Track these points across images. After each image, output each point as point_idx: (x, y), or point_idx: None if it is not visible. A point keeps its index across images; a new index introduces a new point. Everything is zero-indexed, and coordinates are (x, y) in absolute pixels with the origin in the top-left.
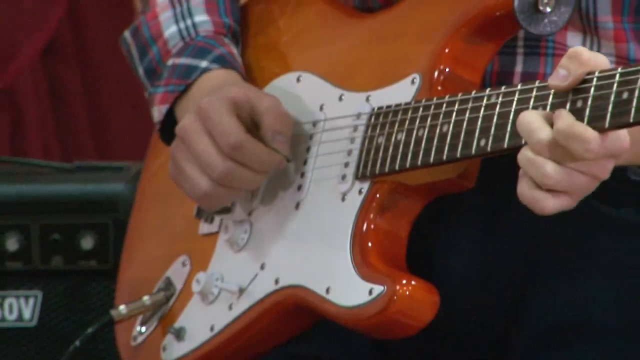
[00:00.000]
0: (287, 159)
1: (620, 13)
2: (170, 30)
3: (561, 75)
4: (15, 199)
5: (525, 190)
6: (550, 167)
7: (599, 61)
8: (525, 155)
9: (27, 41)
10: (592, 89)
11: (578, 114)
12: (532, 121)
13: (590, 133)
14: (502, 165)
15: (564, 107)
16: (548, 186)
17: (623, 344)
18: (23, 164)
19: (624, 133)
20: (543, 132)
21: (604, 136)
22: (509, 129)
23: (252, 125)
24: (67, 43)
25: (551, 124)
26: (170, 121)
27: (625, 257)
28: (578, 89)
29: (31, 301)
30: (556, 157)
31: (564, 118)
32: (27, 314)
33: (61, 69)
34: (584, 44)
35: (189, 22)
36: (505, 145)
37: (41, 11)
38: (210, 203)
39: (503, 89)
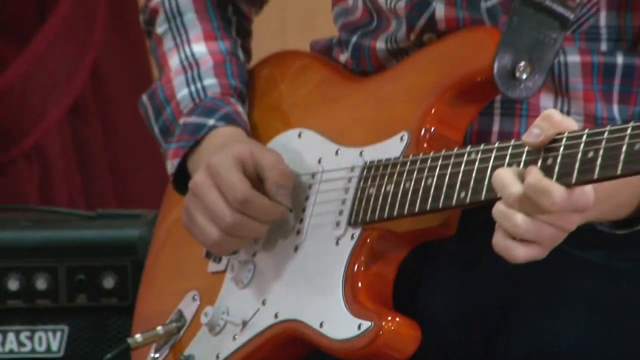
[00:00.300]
0: (289, 210)
1: (590, 75)
2: (182, 93)
3: (534, 134)
4: (44, 243)
5: (498, 240)
6: (519, 218)
7: (569, 123)
8: (498, 209)
9: (55, 103)
10: (562, 148)
11: (548, 170)
12: (505, 177)
13: (556, 188)
14: (480, 216)
15: (536, 164)
16: (518, 236)
17: None
18: (51, 212)
19: (589, 189)
20: (514, 187)
21: (570, 191)
22: (486, 183)
23: (257, 179)
24: (90, 104)
25: (523, 180)
26: (182, 173)
27: (593, 296)
28: (549, 147)
29: (58, 334)
30: (526, 210)
31: (533, 174)
32: (54, 346)
33: (85, 127)
34: (555, 105)
35: (198, 85)
36: (483, 198)
37: (67, 76)
38: (220, 249)
39: (482, 146)
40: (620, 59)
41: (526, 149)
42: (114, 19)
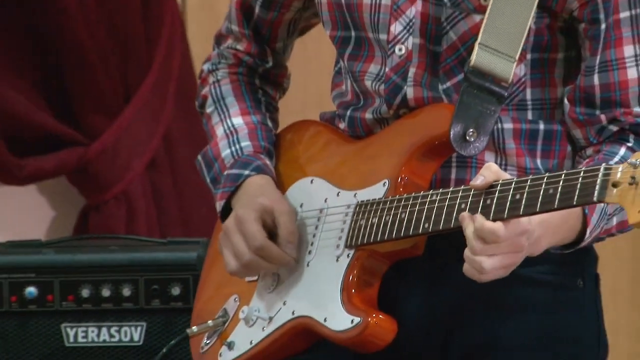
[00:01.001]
0: (295, 260)
1: (519, 138)
2: (225, 152)
3: (479, 180)
4: (129, 262)
5: (467, 269)
6: (484, 262)
7: (503, 174)
8: (466, 254)
9: (137, 159)
10: (497, 192)
11: (487, 208)
12: (464, 219)
13: (496, 226)
14: (441, 242)
15: (479, 204)
16: (484, 271)
17: (524, 355)
18: (134, 240)
19: (523, 219)
20: (469, 228)
21: (505, 223)
22: (443, 217)
23: (274, 226)
24: (163, 159)
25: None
26: (227, 209)
27: (528, 301)
28: (488, 191)
29: (139, 329)
30: (484, 247)
31: (477, 220)
32: (136, 337)
33: (159, 176)
34: (495, 160)
35: (237, 146)
36: (441, 228)
37: (146, 140)
38: (239, 276)
39: (441, 190)
40: (542, 126)
41: (472, 192)
42: (180, 99)
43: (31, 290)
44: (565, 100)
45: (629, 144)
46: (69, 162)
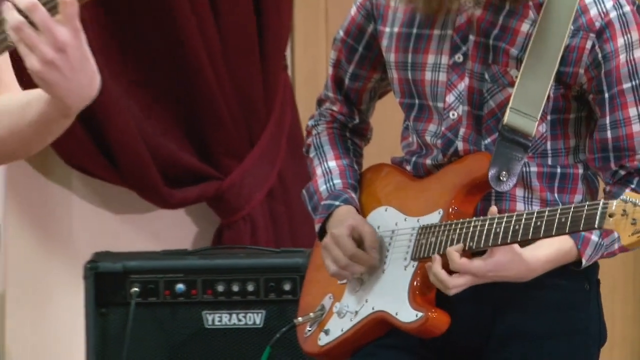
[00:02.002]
0: (377, 262)
1: (541, 178)
2: (322, 188)
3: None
4: (253, 265)
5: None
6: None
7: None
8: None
9: (258, 191)
10: (523, 220)
11: (515, 232)
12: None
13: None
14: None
15: (510, 229)
16: (449, 287)
17: (545, 341)
18: (256, 249)
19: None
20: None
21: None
22: (483, 238)
23: (360, 240)
24: (278, 191)
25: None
26: (322, 230)
27: (548, 301)
28: (517, 219)
29: (260, 315)
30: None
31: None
32: (258, 321)
33: (275, 203)
34: (524, 193)
35: (331, 183)
36: (482, 247)
37: (265, 177)
38: (337, 278)
39: (481, 217)
40: (559, 169)
41: (505, 219)
42: (290, 146)
43: (180, 286)
44: (586, 152)
45: (632, 186)
46: (208, 192)
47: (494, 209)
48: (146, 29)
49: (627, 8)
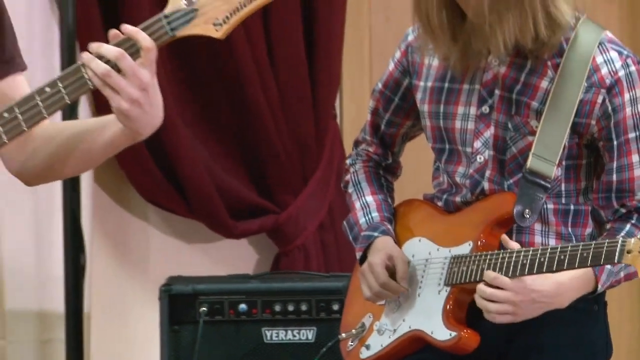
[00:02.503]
0: (406, 291)
1: (557, 214)
2: (361, 220)
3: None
4: (306, 288)
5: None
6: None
7: (514, 245)
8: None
9: (311, 223)
10: (548, 254)
11: (541, 264)
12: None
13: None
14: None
15: (535, 261)
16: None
17: (561, 352)
18: (309, 274)
19: (527, 279)
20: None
21: (512, 279)
22: (512, 268)
23: (393, 270)
24: (327, 224)
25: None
26: (363, 257)
27: (562, 319)
28: (542, 253)
29: (311, 331)
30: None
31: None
32: (310, 336)
33: (325, 233)
34: (541, 227)
35: (369, 216)
36: (510, 276)
37: (317, 210)
38: (371, 301)
39: (508, 250)
40: (572, 207)
41: (531, 251)
42: (338, 184)
43: (242, 306)
44: (592, 195)
45: (633, 221)
46: (267, 224)
47: (514, 244)
48: (213, 79)
49: (633, 68)
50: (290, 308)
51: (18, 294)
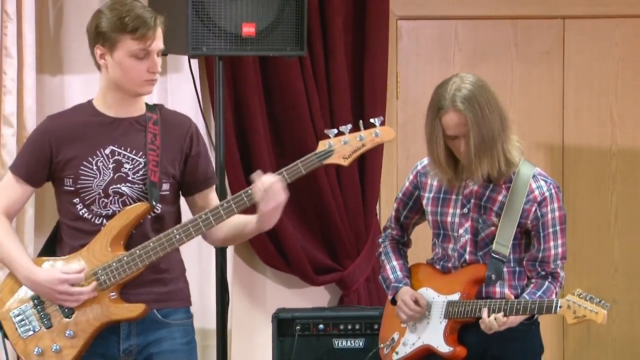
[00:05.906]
0: (427, 313)
1: (510, 274)
2: (391, 276)
3: (506, 295)
4: (358, 315)
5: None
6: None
7: (510, 296)
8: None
9: (362, 276)
10: (509, 304)
11: (506, 310)
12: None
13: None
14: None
15: (501, 308)
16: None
17: (513, 357)
18: (360, 307)
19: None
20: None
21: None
22: (496, 309)
23: (416, 301)
24: (371, 276)
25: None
26: (393, 300)
27: (512, 336)
28: (506, 303)
29: (362, 341)
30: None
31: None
32: (361, 344)
33: (370, 283)
34: (501, 284)
35: (396, 274)
36: (487, 317)
37: (365, 268)
38: (405, 323)
39: (485, 298)
40: (517, 269)
41: (499, 301)
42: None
43: (321, 326)
44: (525, 262)
45: (549, 280)
46: (335, 277)
47: (509, 294)
48: (304, 192)
49: (553, 191)
50: (349, 327)
51: None
